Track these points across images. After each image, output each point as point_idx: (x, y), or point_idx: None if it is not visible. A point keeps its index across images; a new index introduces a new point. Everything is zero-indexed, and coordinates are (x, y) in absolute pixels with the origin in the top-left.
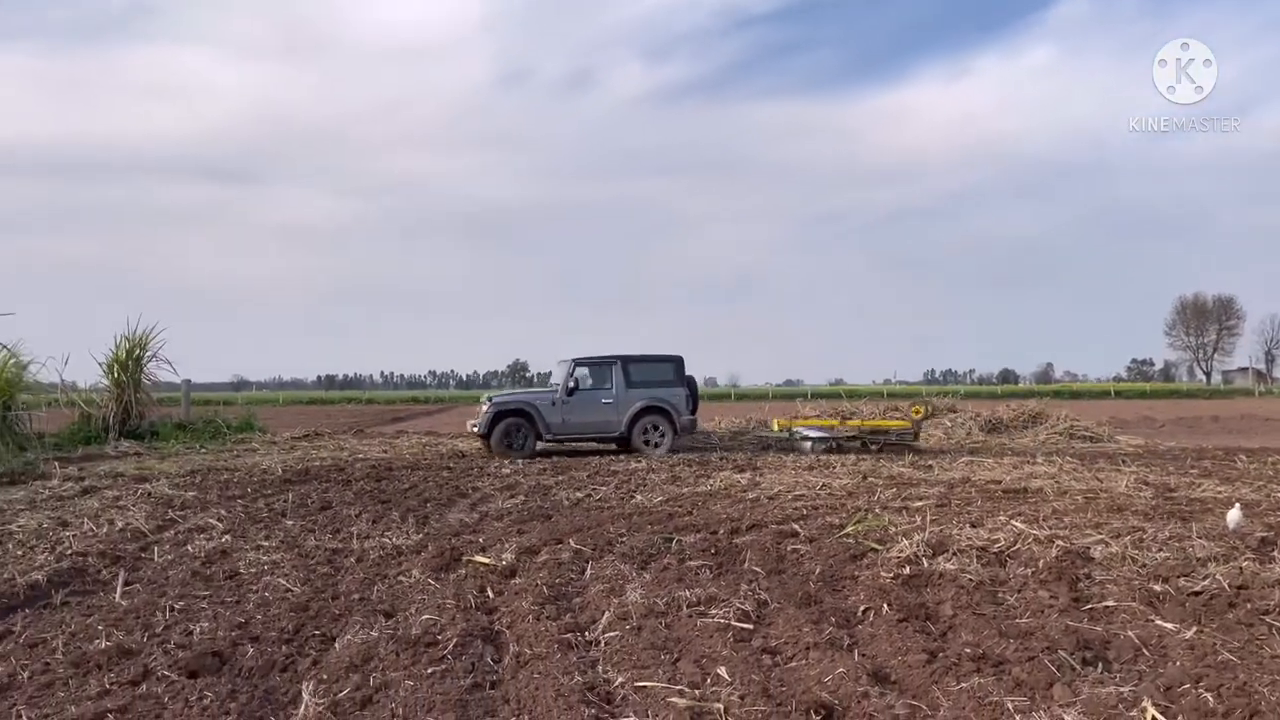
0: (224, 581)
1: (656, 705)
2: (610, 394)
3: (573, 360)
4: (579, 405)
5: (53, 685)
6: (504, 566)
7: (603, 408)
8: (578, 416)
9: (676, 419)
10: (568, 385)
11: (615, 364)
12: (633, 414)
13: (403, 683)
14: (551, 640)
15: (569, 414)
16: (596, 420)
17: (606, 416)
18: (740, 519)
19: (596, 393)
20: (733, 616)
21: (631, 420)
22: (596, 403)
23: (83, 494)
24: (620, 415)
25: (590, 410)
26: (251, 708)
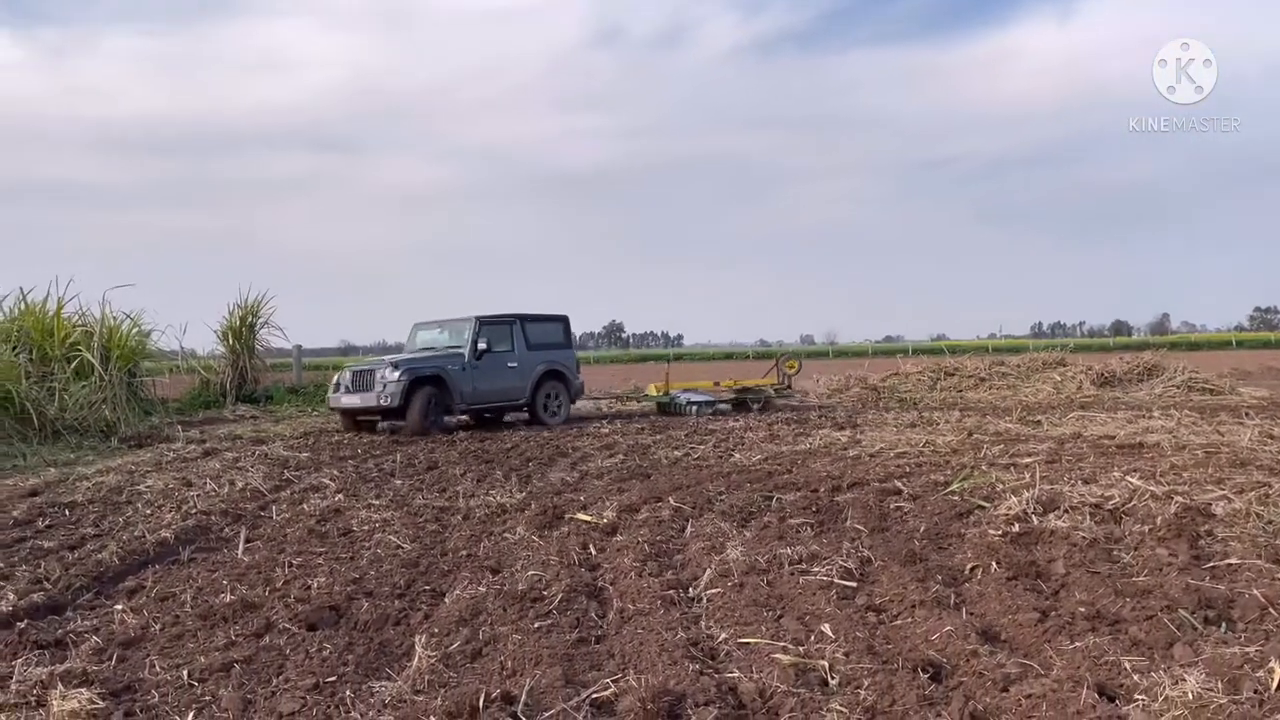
0: (338, 539)
1: (760, 661)
2: (514, 357)
3: (476, 318)
4: (487, 370)
5: (182, 637)
6: (605, 524)
7: (509, 373)
8: (487, 384)
9: (572, 384)
10: (476, 347)
11: (515, 324)
12: (536, 379)
13: (510, 636)
14: (654, 596)
15: (479, 381)
16: (504, 387)
17: (512, 383)
18: (841, 477)
19: (502, 356)
20: (836, 574)
21: (535, 386)
22: (503, 367)
23: (204, 456)
24: (525, 381)
25: (498, 376)
26: (368, 659)
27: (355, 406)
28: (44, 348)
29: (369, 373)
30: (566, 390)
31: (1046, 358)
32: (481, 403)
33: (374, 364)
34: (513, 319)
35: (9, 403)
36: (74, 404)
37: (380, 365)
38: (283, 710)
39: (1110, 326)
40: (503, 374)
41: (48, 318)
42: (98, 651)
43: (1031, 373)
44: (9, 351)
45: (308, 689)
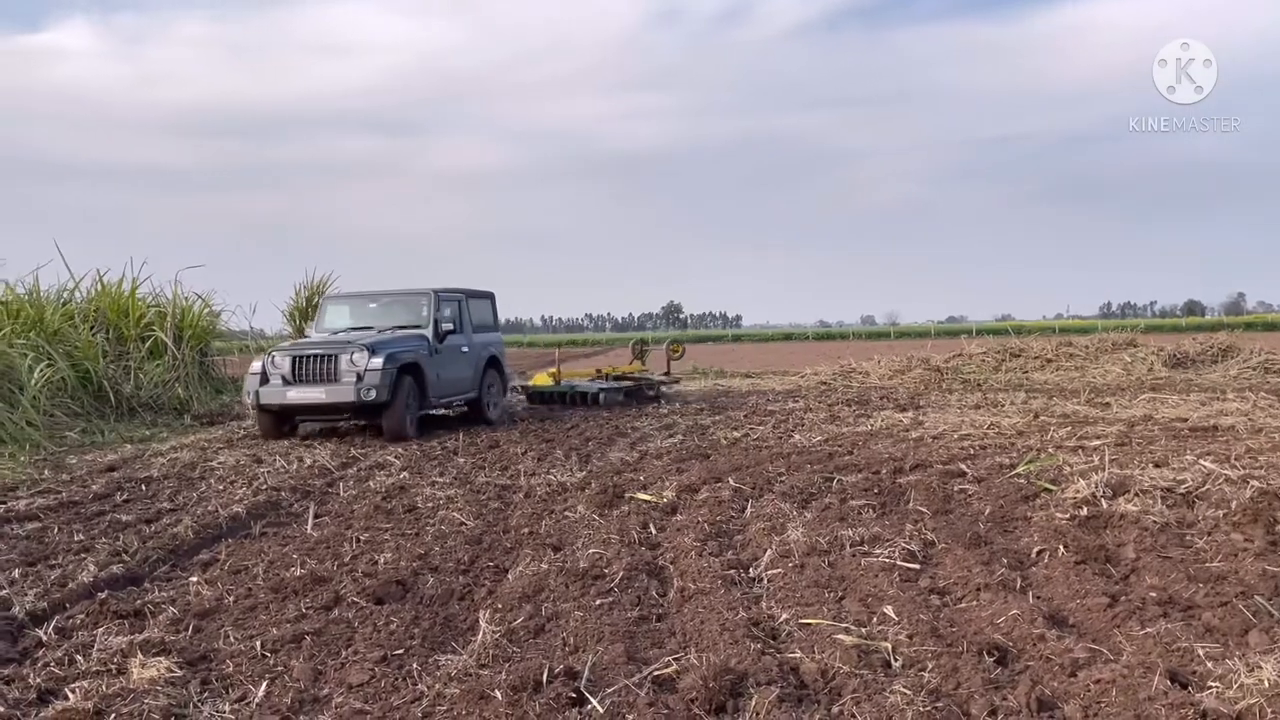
0: (403, 515)
1: (822, 642)
2: (465, 341)
3: (434, 292)
4: (447, 358)
5: (255, 609)
6: (665, 504)
7: (461, 360)
8: (447, 373)
9: (506, 374)
10: (438, 328)
11: (463, 300)
12: (481, 367)
13: (572, 613)
14: (714, 576)
15: (441, 369)
16: (458, 377)
17: (464, 372)
18: (903, 458)
19: (456, 339)
20: (898, 556)
21: (481, 376)
22: (457, 353)
23: None
24: (473, 370)
25: (454, 364)
26: (434, 633)
27: (311, 402)
28: (120, 328)
29: (327, 359)
30: (502, 380)
31: (1116, 338)
32: (442, 397)
33: (329, 347)
34: (459, 294)
35: (88, 381)
36: (148, 382)
37: (343, 349)
38: (352, 681)
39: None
40: (457, 362)
41: (123, 298)
42: (174, 622)
43: (1100, 354)
44: (87, 331)
45: (375, 661)
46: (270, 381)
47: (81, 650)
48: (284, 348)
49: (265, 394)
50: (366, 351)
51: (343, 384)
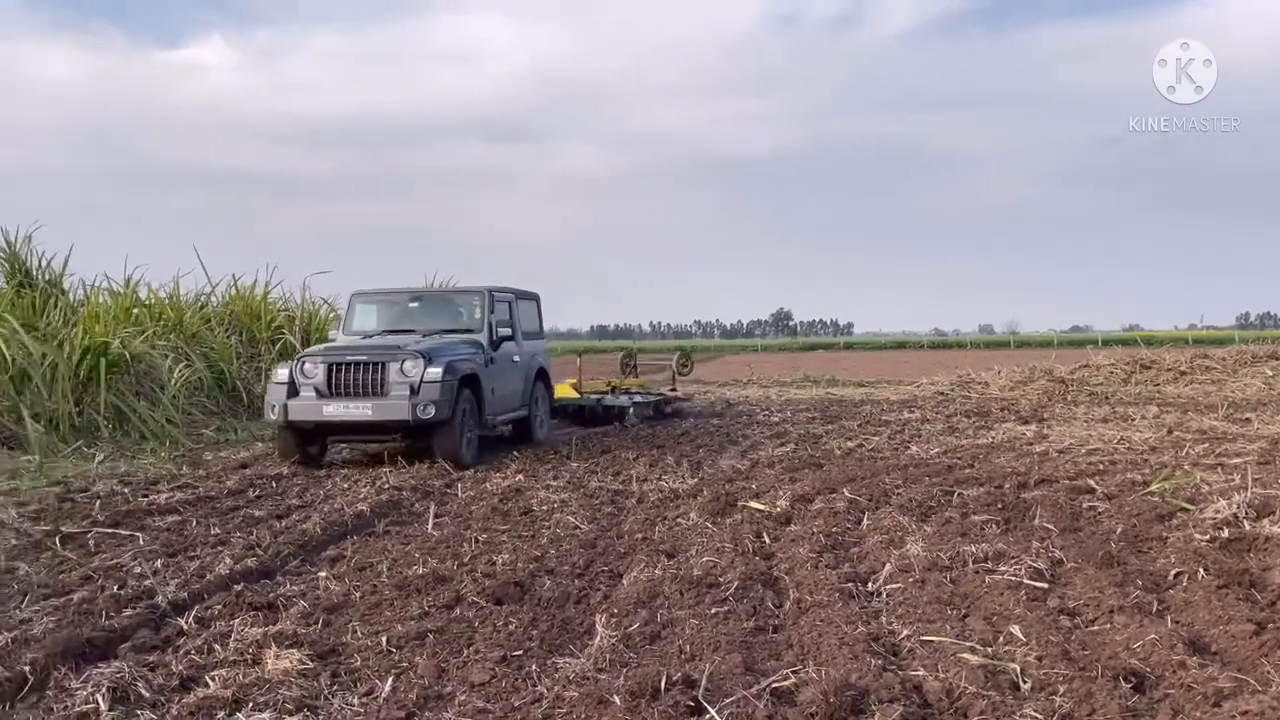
0: (519, 517)
1: (946, 660)
2: (516, 349)
3: (488, 290)
4: (500, 369)
5: (380, 605)
6: (779, 513)
7: (513, 372)
8: (502, 386)
9: (551, 386)
10: (494, 332)
11: (514, 301)
12: (531, 380)
13: (688, 621)
14: (832, 589)
15: (494, 382)
16: (510, 391)
17: (516, 386)
18: (1027, 473)
19: (508, 347)
20: (1024, 574)
21: (531, 389)
22: (509, 363)
23: None
24: (524, 383)
25: (507, 376)
26: (551, 635)
27: (354, 420)
28: (252, 330)
29: (373, 367)
30: (549, 394)
31: (1256, 350)
32: (497, 414)
33: (375, 353)
34: (510, 294)
35: (222, 381)
36: None
37: (392, 355)
38: (474, 680)
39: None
40: (510, 373)
41: (256, 303)
42: (305, 615)
43: (1239, 367)
44: (222, 334)
45: (496, 661)
46: (300, 393)
47: (220, 640)
48: (316, 352)
49: (295, 408)
50: (422, 359)
51: (393, 398)
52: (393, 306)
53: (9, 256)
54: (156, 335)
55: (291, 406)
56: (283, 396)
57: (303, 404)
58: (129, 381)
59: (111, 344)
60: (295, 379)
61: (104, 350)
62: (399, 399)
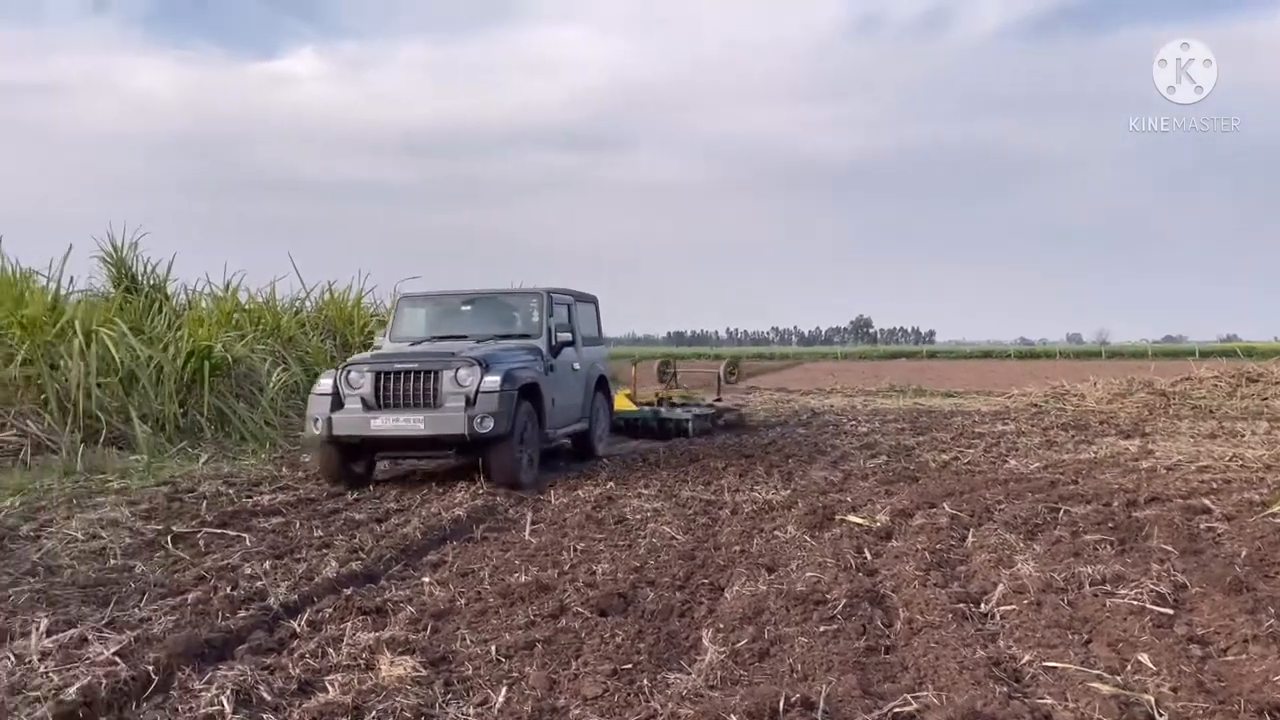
0: (614, 526)
1: (1074, 689)
2: (576, 356)
3: (547, 292)
4: (561, 378)
5: (486, 613)
6: (879, 528)
7: (574, 381)
8: (562, 397)
9: (611, 397)
10: (553, 338)
11: (572, 304)
12: (592, 390)
13: (796, 639)
14: (943, 609)
15: (556, 393)
16: (570, 404)
17: (576, 397)
18: (1136, 490)
19: (568, 354)
20: (1147, 599)
21: (592, 400)
22: (569, 373)
23: None
24: (585, 394)
25: (568, 386)
26: (658, 649)
27: (405, 434)
28: (345, 334)
29: (425, 376)
30: (609, 406)
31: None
32: (557, 428)
33: (427, 360)
34: (569, 297)
35: None
36: None
37: (445, 362)
38: (586, 694)
39: None
40: (570, 383)
41: (348, 307)
42: (413, 621)
43: None
44: (316, 338)
45: (607, 675)
46: (345, 405)
47: (332, 644)
48: (363, 360)
49: (340, 422)
50: (478, 367)
51: (448, 410)
52: (443, 310)
53: (116, 262)
54: (256, 339)
55: (336, 420)
56: (326, 409)
57: (348, 417)
58: (230, 384)
59: (214, 347)
60: (340, 390)
61: (207, 353)
62: (454, 411)
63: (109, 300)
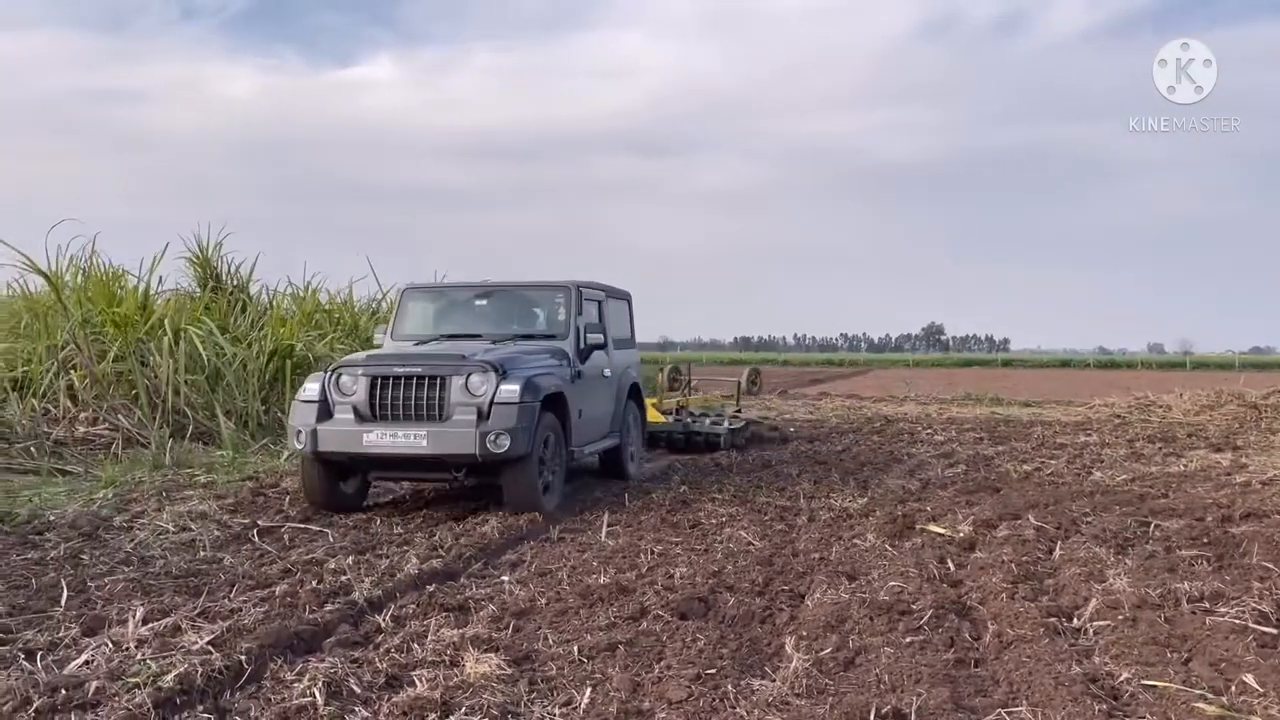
0: (689, 530)
1: (1177, 709)
2: (607, 361)
3: (575, 286)
4: (590, 386)
5: (566, 613)
6: (961, 538)
7: (604, 390)
8: (591, 409)
9: (645, 407)
10: (582, 340)
11: (603, 301)
12: (624, 402)
13: (882, 649)
14: (1034, 623)
15: (584, 404)
16: (601, 415)
17: (606, 407)
18: (1231, 505)
19: (598, 359)
20: (1249, 617)
21: (624, 412)
22: (599, 379)
23: None
24: (616, 404)
25: (598, 396)
26: (741, 655)
27: (403, 452)
28: None
29: (430, 382)
30: (643, 417)
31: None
32: (584, 444)
33: (432, 364)
34: (600, 293)
35: None
36: None
37: (454, 367)
38: (671, 698)
39: None
40: (600, 392)
41: None
42: (495, 619)
43: None
44: None
45: (690, 679)
46: (335, 415)
47: (417, 639)
48: (357, 361)
49: (328, 435)
50: (494, 372)
51: (456, 424)
52: (454, 304)
53: (202, 263)
54: (336, 339)
55: (323, 433)
56: (311, 419)
57: (337, 430)
58: None
59: (296, 346)
60: (329, 396)
61: (289, 352)
62: (463, 425)
63: (196, 300)
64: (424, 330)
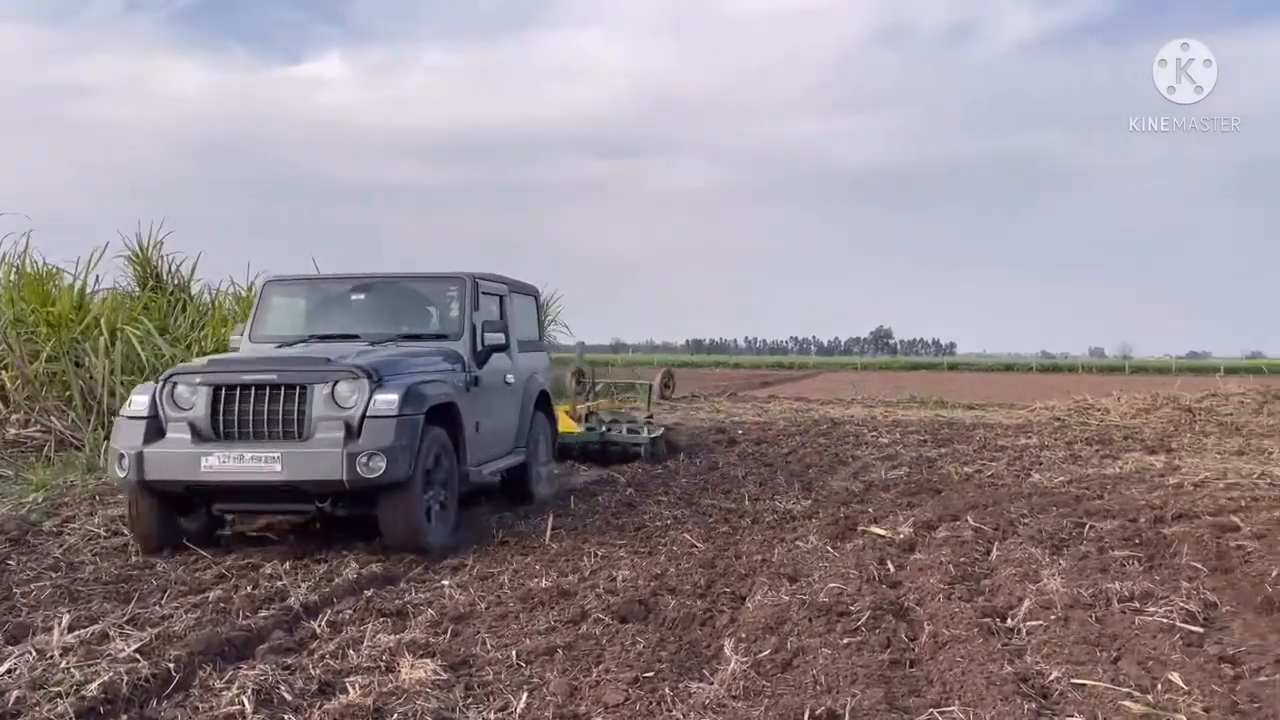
0: (634, 533)
1: (1104, 707)
2: (510, 365)
3: (472, 278)
4: (488, 395)
5: (506, 617)
6: (902, 540)
7: (507, 399)
8: (490, 421)
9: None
10: (479, 341)
11: (505, 297)
12: (530, 413)
13: (819, 650)
14: (969, 623)
15: (479, 414)
16: (504, 429)
17: (510, 419)
18: (1163, 507)
19: (499, 362)
20: (1176, 616)
21: (530, 425)
22: (500, 386)
23: None
24: (520, 416)
25: (499, 407)
26: (680, 658)
27: (250, 480)
28: None
29: (287, 392)
30: (552, 429)
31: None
32: (481, 463)
33: (289, 369)
34: (503, 286)
35: None
36: None
37: (318, 372)
38: (608, 701)
39: None
40: (501, 401)
41: None
42: (433, 624)
43: None
44: None
45: (628, 682)
46: (168, 434)
47: (353, 645)
48: (195, 369)
49: (157, 460)
50: (366, 379)
51: (319, 443)
52: (328, 300)
53: (141, 261)
54: None
55: (151, 457)
56: (137, 440)
57: (169, 453)
58: None
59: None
60: (161, 412)
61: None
62: (328, 445)
63: (134, 299)
64: (290, 330)
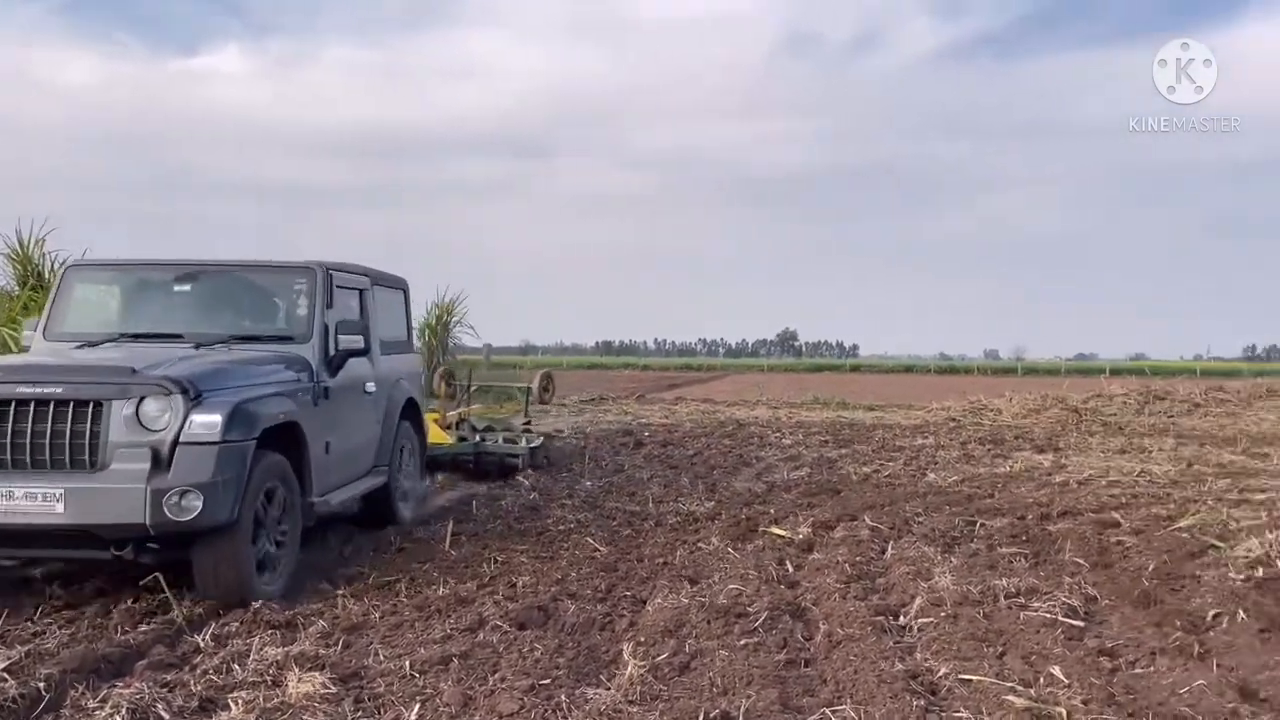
0: (536, 538)
1: (989, 702)
2: (371, 371)
3: (322, 267)
4: (342, 408)
5: (401, 627)
6: (801, 540)
7: (364, 410)
8: (344, 440)
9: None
10: (331, 343)
11: (366, 290)
12: (394, 427)
13: (717, 652)
14: (862, 621)
15: (330, 433)
16: (361, 447)
17: (368, 434)
18: (1050, 504)
19: (358, 368)
20: (1059, 611)
21: (394, 440)
22: (358, 397)
23: None
24: (382, 430)
25: (354, 420)
26: (578, 663)
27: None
28: None
29: (70, 409)
30: (421, 443)
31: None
32: (330, 490)
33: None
34: (364, 278)
35: None
36: None
37: (117, 385)
38: (502, 710)
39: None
40: (359, 414)
41: None
42: (325, 635)
43: (1254, 400)
44: None
45: (524, 690)
46: None
47: (238, 659)
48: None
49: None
50: (180, 395)
51: (115, 476)
52: (145, 291)
53: (21, 259)
54: None
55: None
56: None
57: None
58: None
59: None
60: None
61: None
62: (127, 479)
63: (14, 299)
64: (96, 327)
